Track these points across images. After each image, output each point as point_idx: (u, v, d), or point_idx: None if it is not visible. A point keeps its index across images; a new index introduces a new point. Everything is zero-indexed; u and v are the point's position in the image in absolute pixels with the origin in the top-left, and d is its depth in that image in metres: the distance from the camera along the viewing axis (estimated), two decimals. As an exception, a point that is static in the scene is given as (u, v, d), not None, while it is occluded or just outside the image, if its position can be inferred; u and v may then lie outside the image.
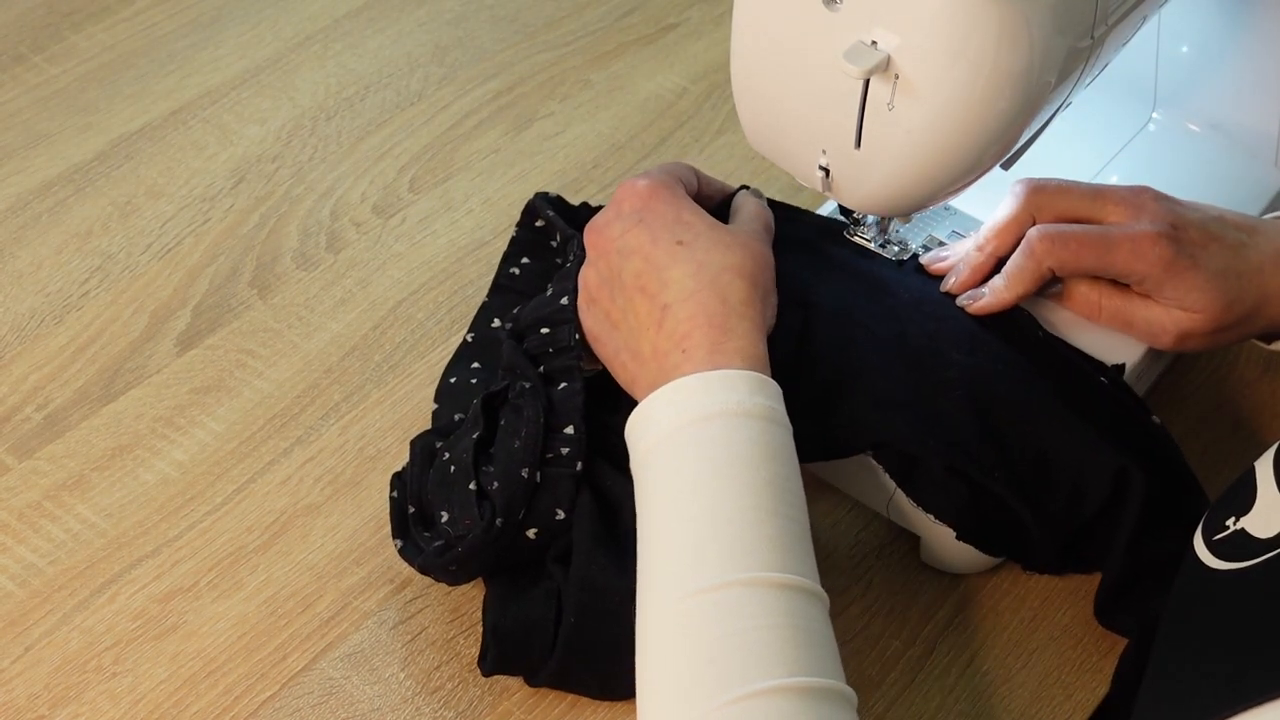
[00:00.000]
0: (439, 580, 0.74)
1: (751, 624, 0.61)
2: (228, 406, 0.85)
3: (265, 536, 0.79)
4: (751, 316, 0.70)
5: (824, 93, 0.72)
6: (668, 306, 0.70)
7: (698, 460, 0.66)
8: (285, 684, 0.73)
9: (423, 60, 1.07)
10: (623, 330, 0.73)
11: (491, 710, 0.73)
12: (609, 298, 0.74)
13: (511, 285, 0.86)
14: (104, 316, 0.89)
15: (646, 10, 1.12)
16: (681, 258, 0.71)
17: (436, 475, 0.74)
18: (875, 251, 0.82)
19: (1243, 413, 0.86)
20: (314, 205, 0.96)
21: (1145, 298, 0.77)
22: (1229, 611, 0.61)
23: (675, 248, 0.72)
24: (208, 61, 1.06)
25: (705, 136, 1.02)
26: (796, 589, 0.63)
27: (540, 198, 0.86)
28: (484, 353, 0.83)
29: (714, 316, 0.69)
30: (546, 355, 0.77)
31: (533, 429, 0.73)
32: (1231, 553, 0.63)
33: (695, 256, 0.71)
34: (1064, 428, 0.73)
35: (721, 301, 0.70)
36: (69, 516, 0.80)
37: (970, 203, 0.85)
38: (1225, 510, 0.65)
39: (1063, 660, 0.76)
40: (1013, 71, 0.67)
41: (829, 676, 0.61)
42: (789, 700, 0.59)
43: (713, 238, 0.72)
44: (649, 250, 0.72)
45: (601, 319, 0.74)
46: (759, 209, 0.78)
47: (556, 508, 0.73)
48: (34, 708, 0.72)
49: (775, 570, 0.63)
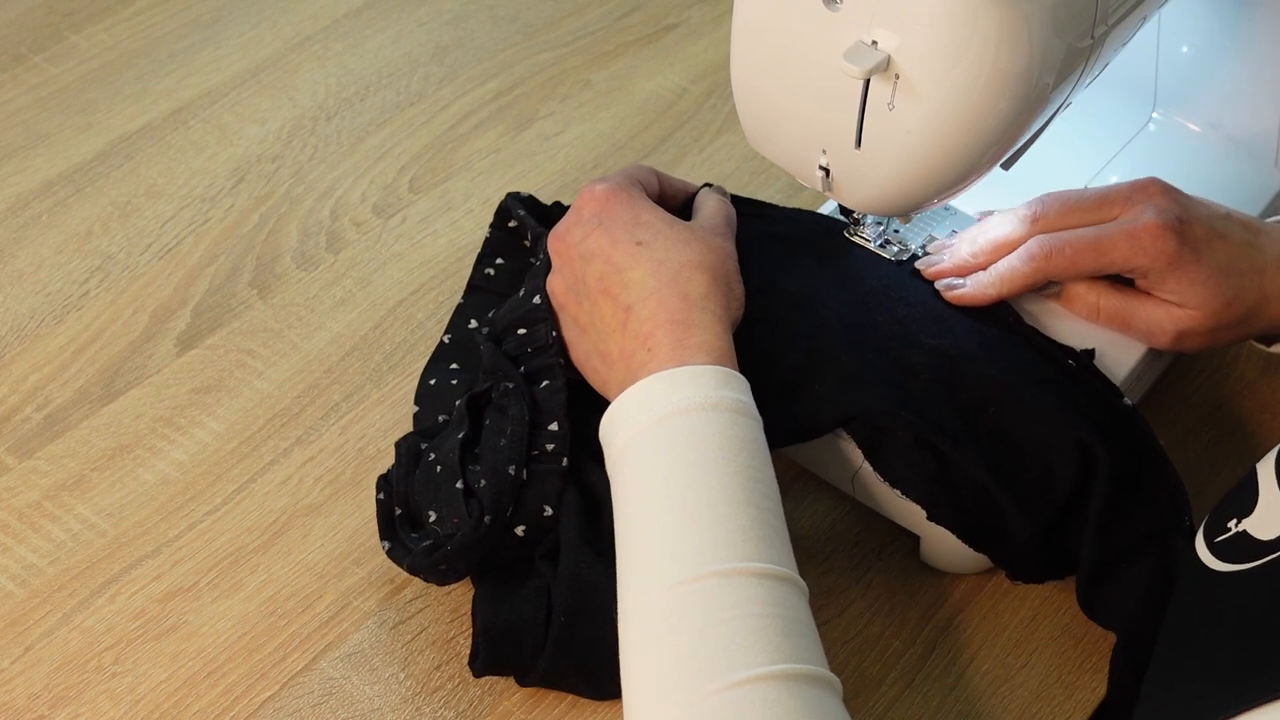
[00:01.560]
0: (428, 580, 0.74)
1: (732, 613, 0.61)
2: (228, 406, 0.85)
3: (265, 536, 0.79)
4: (713, 310, 0.71)
5: (824, 93, 0.72)
6: (630, 307, 0.71)
7: (670, 455, 0.67)
8: (285, 684, 0.73)
9: (423, 60, 1.07)
10: (591, 334, 0.74)
11: (491, 710, 0.73)
12: (576, 303, 0.75)
13: (487, 285, 0.86)
14: (104, 316, 0.89)
15: (646, 10, 1.12)
16: (641, 258, 0.72)
17: (423, 476, 0.75)
18: (875, 251, 0.82)
19: (1243, 413, 0.86)
20: (314, 205, 0.96)
21: (1145, 296, 0.77)
22: (1231, 613, 0.61)
23: (634, 249, 0.73)
24: (208, 61, 1.06)
25: (705, 136, 1.02)
26: (774, 577, 0.63)
27: (512, 198, 0.87)
28: (462, 353, 0.83)
29: (675, 313, 0.70)
30: (526, 355, 0.77)
31: (518, 427, 0.73)
32: (1233, 554, 0.63)
33: (654, 255, 0.72)
34: (1031, 408, 0.73)
35: (682, 298, 0.71)
36: (69, 516, 0.80)
37: (970, 203, 0.85)
38: (1227, 512, 0.65)
39: (1063, 660, 0.76)
40: (1013, 71, 0.67)
41: (813, 663, 0.62)
42: (774, 687, 0.59)
43: (670, 235, 0.73)
44: (609, 253, 0.73)
45: (570, 324, 0.76)
46: (719, 204, 0.79)
47: (544, 505, 0.73)
48: (34, 708, 0.72)
49: (752, 560, 0.63)
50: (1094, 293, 0.78)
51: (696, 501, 0.65)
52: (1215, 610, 0.62)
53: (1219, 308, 0.75)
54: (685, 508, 0.65)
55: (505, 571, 0.74)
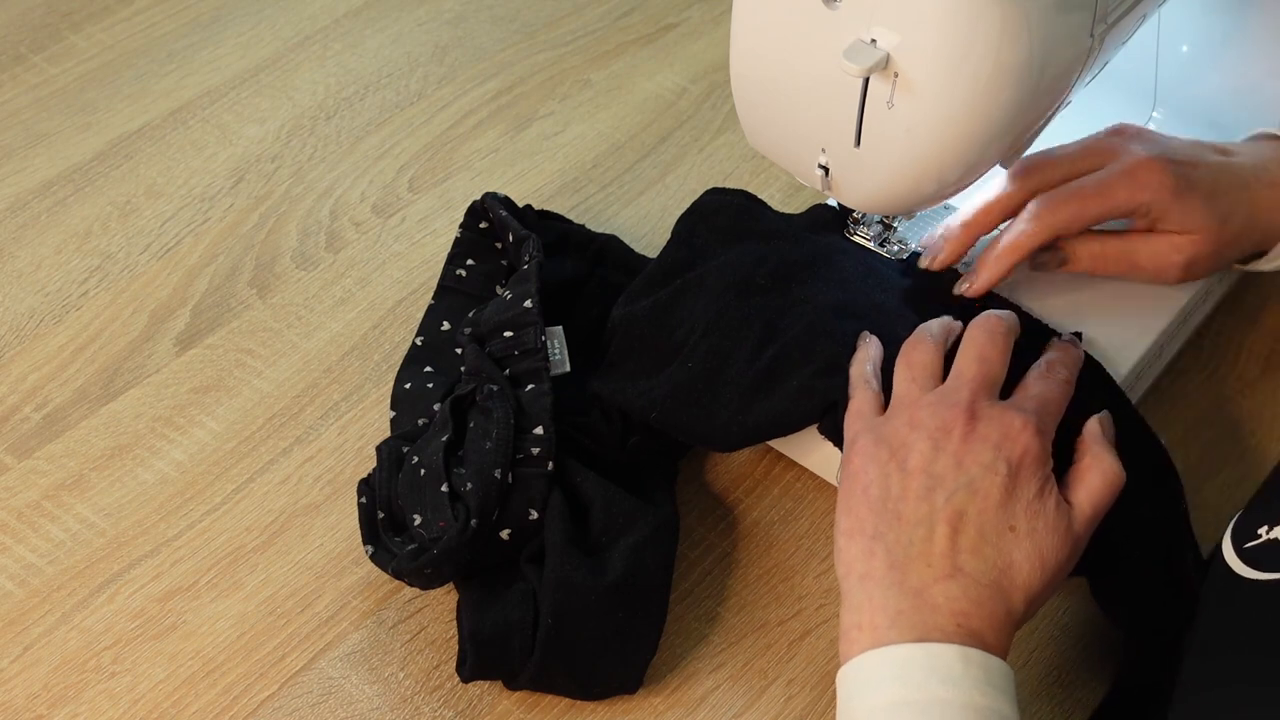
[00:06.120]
0: (412, 585, 0.74)
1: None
2: (227, 406, 0.85)
3: (264, 536, 0.79)
4: (1032, 606, 0.65)
5: (823, 91, 0.72)
6: (964, 571, 0.63)
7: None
8: (284, 683, 0.73)
9: (422, 60, 1.07)
10: (901, 533, 0.65)
11: (491, 710, 0.73)
12: (913, 490, 0.66)
13: (458, 287, 0.86)
14: (103, 316, 0.89)
15: (646, 10, 1.12)
16: (1021, 544, 0.64)
17: (406, 479, 0.74)
18: (875, 250, 0.82)
19: (1243, 413, 0.86)
20: (313, 205, 0.96)
21: (1145, 233, 0.78)
22: (1267, 624, 0.60)
23: (1009, 533, 0.64)
24: (207, 61, 1.06)
25: (705, 136, 1.02)
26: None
27: (490, 197, 0.87)
28: (435, 356, 0.83)
29: (997, 615, 0.63)
30: (512, 358, 0.77)
31: (504, 430, 0.73)
32: (1264, 562, 0.63)
33: (1037, 547, 0.64)
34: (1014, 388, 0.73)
35: (1023, 596, 0.64)
36: (68, 516, 0.80)
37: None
38: (1257, 518, 0.65)
39: (1063, 660, 0.76)
40: (1013, 70, 0.67)
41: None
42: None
43: (1051, 542, 0.65)
44: (993, 507, 0.65)
45: (885, 490, 0.66)
46: (1115, 477, 0.68)
47: (529, 508, 0.73)
48: (33, 707, 0.72)
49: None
50: (1095, 241, 0.78)
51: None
52: (1249, 620, 0.62)
53: (1217, 227, 0.76)
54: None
55: (490, 576, 0.74)
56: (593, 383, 0.79)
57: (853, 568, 0.65)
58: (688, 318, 0.78)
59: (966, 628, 0.62)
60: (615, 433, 0.77)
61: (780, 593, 0.77)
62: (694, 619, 0.76)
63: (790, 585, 0.78)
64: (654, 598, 0.73)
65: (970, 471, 0.65)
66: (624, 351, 0.79)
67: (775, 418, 0.74)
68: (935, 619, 0.62)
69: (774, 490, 0.81)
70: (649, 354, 0.78)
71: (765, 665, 0.74)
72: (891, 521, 0.65)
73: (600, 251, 0.88)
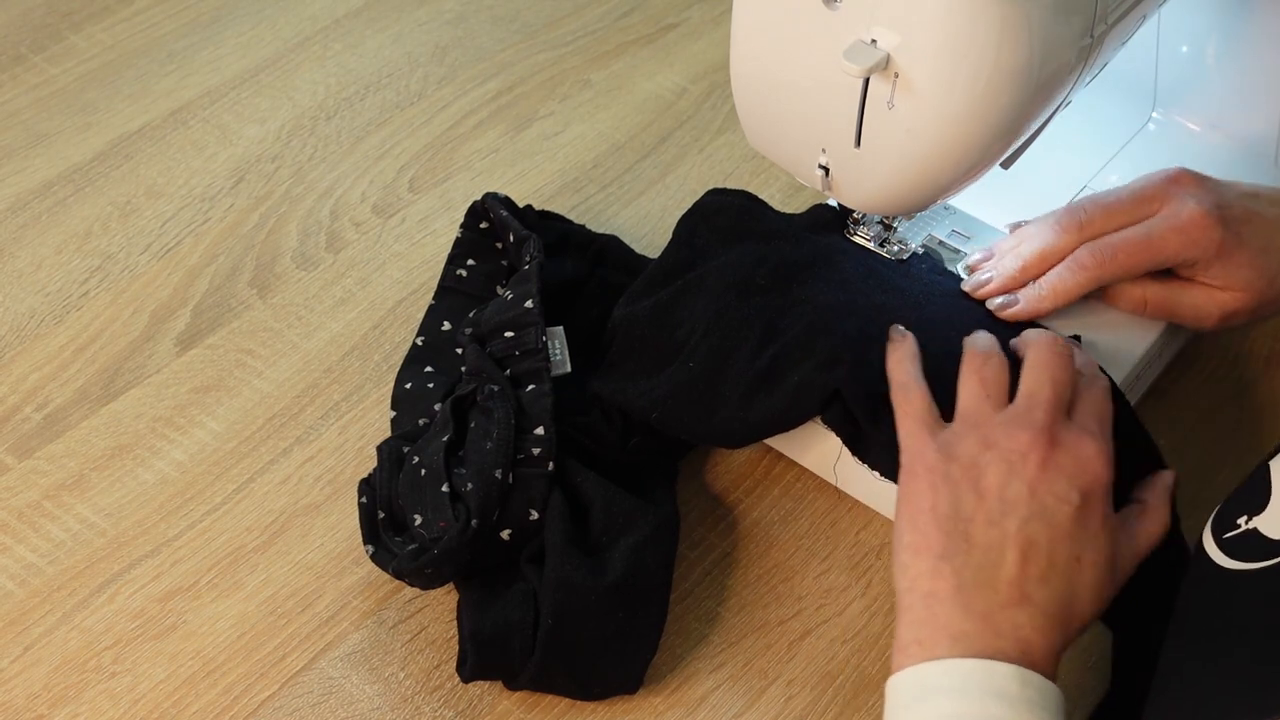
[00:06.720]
0: (413, 584, 0.74)
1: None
2: (227, 406, 0.85)
3: (265, 536, 0.79)
4: (1082, 626, 0.66)
5: (824, 92, 0.72)
6: (1031, 600, 0.63)
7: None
8: (285, 683, 0.73)
9: (423, 60, 1.07)
10: (970, 557, 0.64)
11: (491, 710, 0.73)
12: (984, 513, 0.65)
13: (459, 287, 0.87)
14: (104, 316, 0.89)
15: (646, 10, 1.12)
16: (1085, 575, 0.65)
17: (407, 479, 0.75)
18: (875, 250, 0.82)
19: (1243, 412, 0.86)
20: (314, 205, 0.96)
21: (1188, 283, 0.77)
22: (1246, 615, 0.60)
23: (1075, 563, 0.65)
24: (207, 61, 1.06)
25: (705, 136, 1.02)
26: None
27: (491, 197, 0.87)
28: (436, 356, 0.83)
29: (1056, 643, 0.64)
30: (513, 358, 0.77)
31: (504, 430, 0.73)
32: (1244, 552, 0.63)
33: (1099, 577, 0.65)
34: None
35: (1080, 622, 0.65)
36: (69, 516, 0.80)
37: (970, 202, 0.85)
38: (1237, 508, 0.65)
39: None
40: (1013, 70, 0.67)
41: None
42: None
43: (1109, 561, 0.66)
44: (1063, 536, 0.64)
45: (955, 509, 0.65)
46: (1165, 532, 0.70)
47: (530, 508, 0.73)
48: (33, 707, 0.72)
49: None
50: (1139, 288, 0.78)
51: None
52: (1226, 610, 0.62)
53: (1263, 287, 0.76)
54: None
55: (491, 576, 0.74)
56: (593, 383, 0.79)
57: (917, 584, 0.65)
58: (688, 318, 0.78)
59: (1028, 654, 0.62)
60: (616, 433, 0.78)
61: (780, 593, 0.77)
62: (694, 619, 0.76)
63: (790, 585, 0.78)
64: (654, 598, 0.73)
65: (1044, 500, 0.65)
66: (625, 352, 0.79)
67: (777, 414, 0.74)
68: (999, 643, 0.62)
69: (774, 490, 0.81)
70: (650, 354, 0.78)
71: (765, 665, 0.74)
72: (960, 543, 0.64)
73: (601, 252, 0.88)
